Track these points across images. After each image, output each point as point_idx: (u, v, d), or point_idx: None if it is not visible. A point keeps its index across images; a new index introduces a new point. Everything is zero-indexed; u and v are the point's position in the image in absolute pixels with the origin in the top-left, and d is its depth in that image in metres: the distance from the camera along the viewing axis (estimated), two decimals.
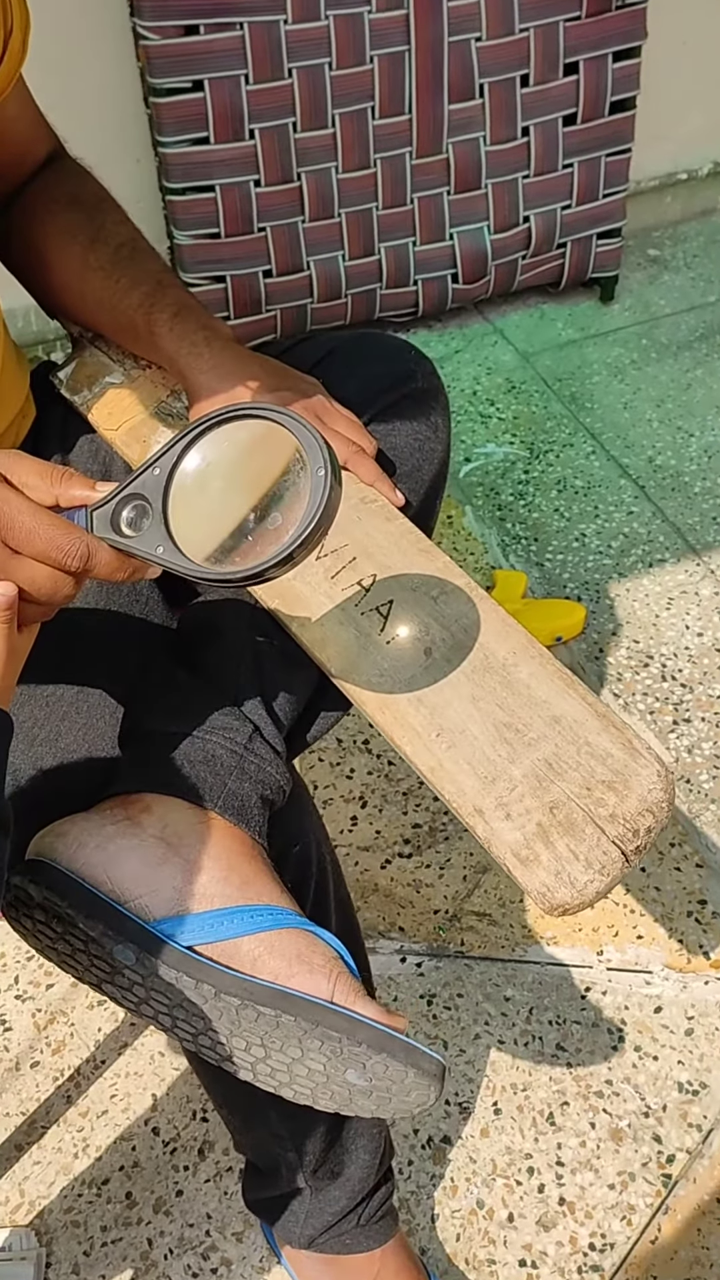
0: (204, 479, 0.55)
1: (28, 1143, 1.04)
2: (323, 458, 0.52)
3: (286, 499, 0.54)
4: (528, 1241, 0.98)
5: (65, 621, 0.72)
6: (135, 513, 0.55)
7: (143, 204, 1.76)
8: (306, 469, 0.52)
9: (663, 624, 1.48)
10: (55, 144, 0.87)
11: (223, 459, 0.55)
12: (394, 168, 1.73)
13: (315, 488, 0.52)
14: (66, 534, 0.52)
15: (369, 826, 1.27)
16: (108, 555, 0.54)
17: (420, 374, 0.84)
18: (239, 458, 0.55)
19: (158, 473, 0.55)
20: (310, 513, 0.51)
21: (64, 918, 0.60)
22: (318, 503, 0.51)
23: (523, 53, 1.69)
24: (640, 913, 1.20)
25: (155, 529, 0.54)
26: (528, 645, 0.67)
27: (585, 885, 0.58)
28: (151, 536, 0.54)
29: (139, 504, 0.55)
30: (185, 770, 0.65)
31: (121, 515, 0.55)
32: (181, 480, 0.55)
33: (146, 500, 0.54)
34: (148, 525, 0.54)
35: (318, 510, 0.51)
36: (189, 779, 0.65)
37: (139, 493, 0.55)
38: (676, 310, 2.01)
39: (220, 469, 0.55)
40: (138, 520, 0.54)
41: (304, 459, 0.53)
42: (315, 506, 0.51)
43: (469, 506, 1.65)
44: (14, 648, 0.53)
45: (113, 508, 0.55)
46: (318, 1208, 0.86)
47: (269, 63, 1.56)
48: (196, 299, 0.80)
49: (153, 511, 0.54)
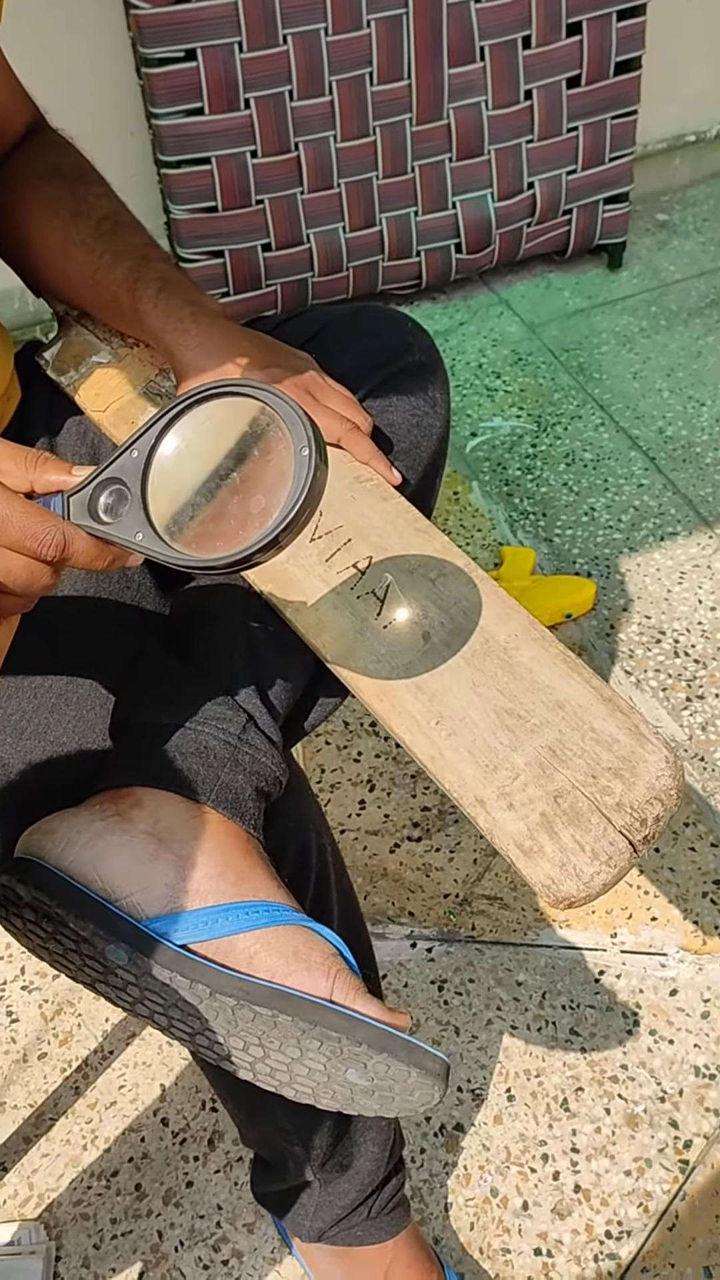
0: (184, 461, 0.53)
1: (36, 1135, 1.03)
2: (307, 436, 0.49)
3: (269, 480, 0.51)
4: (543, 1230, 0.97)
5: (53, 609, 0.70)
6: (113, 498, 0.52)
7: (137, 178, 1.72)
8: (290, 448, 0.50)
9: (675, 599, 1.45)
10: (35, 115, 0.84)
11: (203, 439, 0.53)
12: (394, 135, 1.69)
13: (299, 468, 0.49)
14: (41, 522, 0.50)
15: (377, 810, 1.25)
16: (85, 543, 0.52)
17: (417, 347, 0.81)
18: (220, 438, 0.53)
19: (136, 455, 0.52)
20: (295, 494, 0.49)
21: (54, 917, 0.59)
22: (302, 483, 0.49)
23: (524, 13, 1.65)
24: (654, 894, 1.17)
25: (134, 514, 0.52)
26: (529, 628, 0.64)
27: (592, 877, 0.56)
28: (130, 522, 0.52)
29: (117, 488, 0.52)
30: (177, 763, 0.63)
31: (99, 500, 0.52)
32: (160, 463, 0.52)
33: (125, 484, 0.52)
34: (126, 510, 0.52)
35: (302, 491, 0.49)
36: (181, 772, 0.62)
37: (117, 477, 0.52)
38: (686, 276, 1.97)
39: (200, 450, 0.53)
40: (116, 506, 0.52)
41: (287, 438, 0.50)
42: (300, 488, 0.49)
43: (475, 482, 1.62)
44: None
45: (90, 493, 0.52)
46: (327, 1201, 0.84)
47: (263, 29, 1.52)
48: (183, 273, 0.77)
49: (131, 496, 0.52)
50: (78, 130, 0.85)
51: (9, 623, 0.53)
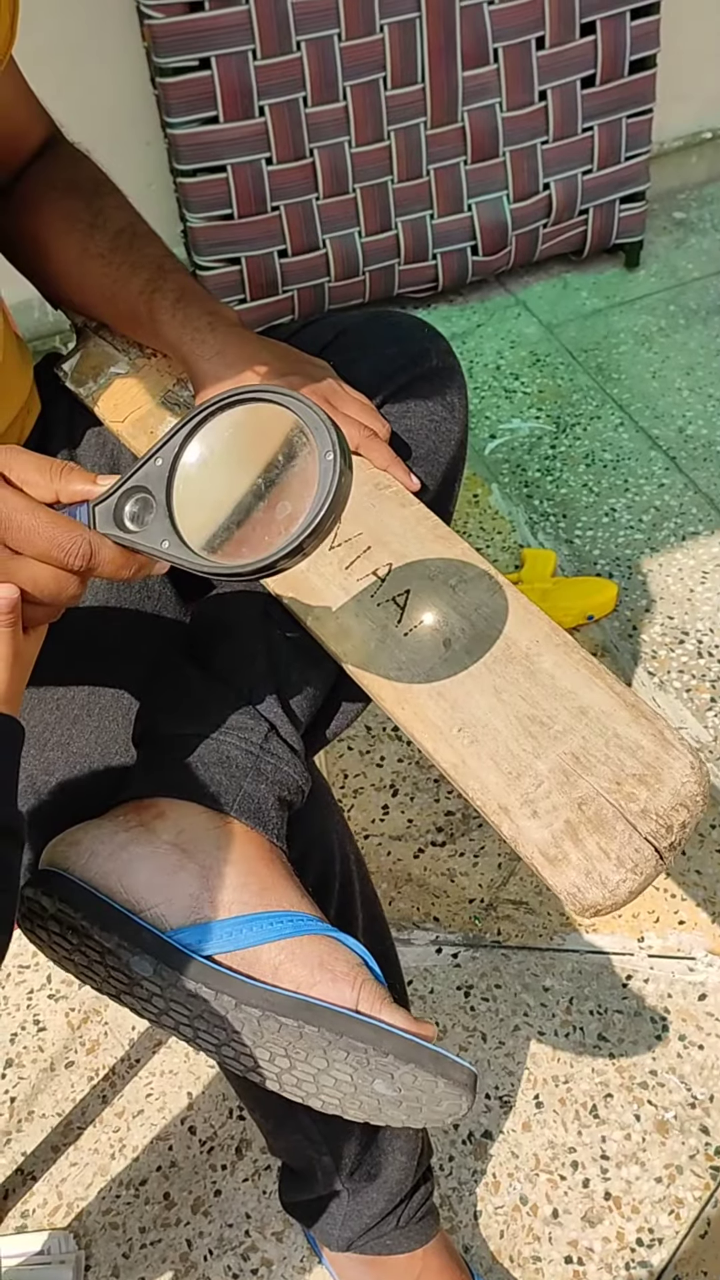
0: (208, 468, 0.52)
1: (64, 1144, 1.03)
2: (331, 441, 0.49)
3: (294, 486, 0.51)
4: (573, 1237, 0.96)
5: (74, 622, 0.70)
6: (138, 506, 0.52)
7: (154, 187, 1.73)
8: (314, 453, 0.50)
9: (698, 598, 1.44)
10: (51, 129, 0.84)
11: (227, 446, 0.53)
12: (408, 139, 1.68)
13: (324, 473, 0.49)
14: (68, 532, 0.50)
15: (401, 815, 1.25)
16: (111, 552, 0.52)
17: (435, 352, 0.81)
18: (243, 444, 0.53)
19: (160, 464, 0.52)
20: (320, 499, 0.49)
21: (78, 929, 0.59)
22: (327, 488, 0.49)
23: (537, 14, 1.64)
24: (682, 897, 1.16)
25: (159, 522, 0.52)
26: (551, 633, 0.64)
27: (617, 885, 0.56)
28: (156, 530, 0.52)
29: (142, 497, 0.52)
30: (199, 773, 0.63)
31: (124, 509, 0.52)
32: (185, 471, 0.52)
33: (149, 493, 0.52)
34: (151, 519, 0.52)
35: (328, 496, 0.49)
36: (203, 782, 0.62)
37: (142, 485, 0.52)
38: (705, 274, 1.96)
39: (224, 457, 0.53)
40: (141, 514, 0.52)
41: (311, 443, 0.50)
42: (325, 493, 0.49)
43: (495, 484, 1.62)
44: (19, 651, 0.51)
45: (115, 502, 0.52)
46: (355, 1210, 0.84)
47: (276, 36, 1.53)
48: (200, 283, 0.77)
49: (156, 504, 0.52)
50: (95, 141, 0.86)
51: (37, 633, 0.53)
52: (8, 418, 0.76)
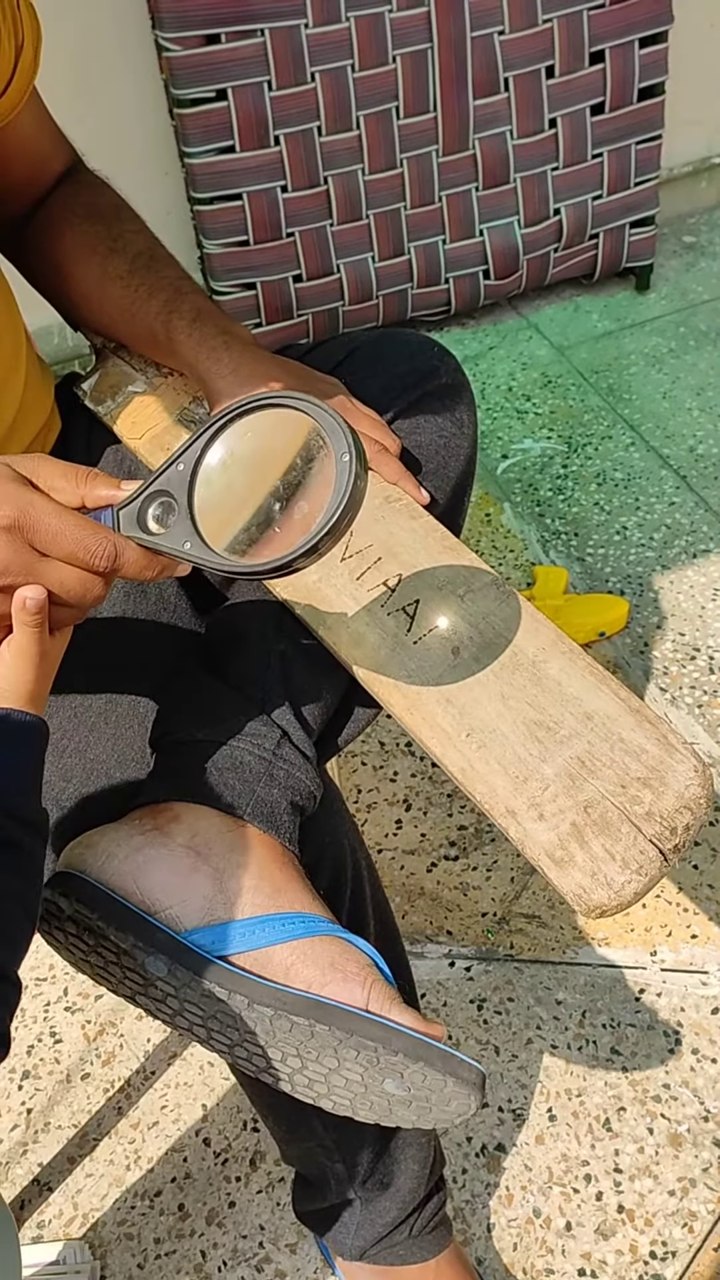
0: (228, 472, 0.54)
1: (80, 1155, 1.04)
2: (347, 443, 0.51)
3: (312, 487, 0.53)
4: (586, 1250, 0.96)
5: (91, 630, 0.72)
6: (161, 509, 0.54)
7: (172, 215, 1.76)
8: (331, 455, 0.51)
9: (709, 615, 1.45)
10: (72, 157, 0.87)
11: (246, 451, 0.54)
12: (421, 166, 1.71)
13: (340, 474, 0.51)
14: (94, 534, 0.52)
15: (414, 829, 1.26)
16: (135, 554, 0.54)
17: (444, 370, 0.83)
18: (262, 448, 0.54)
19: (182, 468, 0.54)
20: (336, 500, 0.51)
21: (95, 930, 0.60)
22: (343, 489, 0.50)
23: (547, 44, 1.67)
24: (694, 911, 1.17)
25: (182, 525, 0.54)
26: (557, 641, 0.65)
27: (623, 886, 0.57)
28: (178, 532, 0.54)
29: (165, 500, 0.54)
30: (214, 778, 0.64)
31: (148, 513, 0.54)
32: (206, 474, 0.54)
33: (172, 496, 0.54)
34: (174, 521, 0.54)
35: (344, 497, 0.50)
36: (217, 787, 0.64)
37: (164, 489, 0.54)
38: (715, 296, 1.98)
39: (244, 461, 0.54)
40: (164, 517, 0.54)
41: (328, 445, 0.52)
42: (341, 493, 0.50)
43: (508, 503, 1.63)
44: (46, 651, 0.53)
45: (138, 505, 0.54)
46: (368, 1219, 0.85)
47: (291, 68, 1.56)
48: (215, 304, 0.79)
49: (179, 507, 0.54)
50: (115, 170, 0.88)
51: (63, 635, 0.55)
52: (30, 435, 0.78)
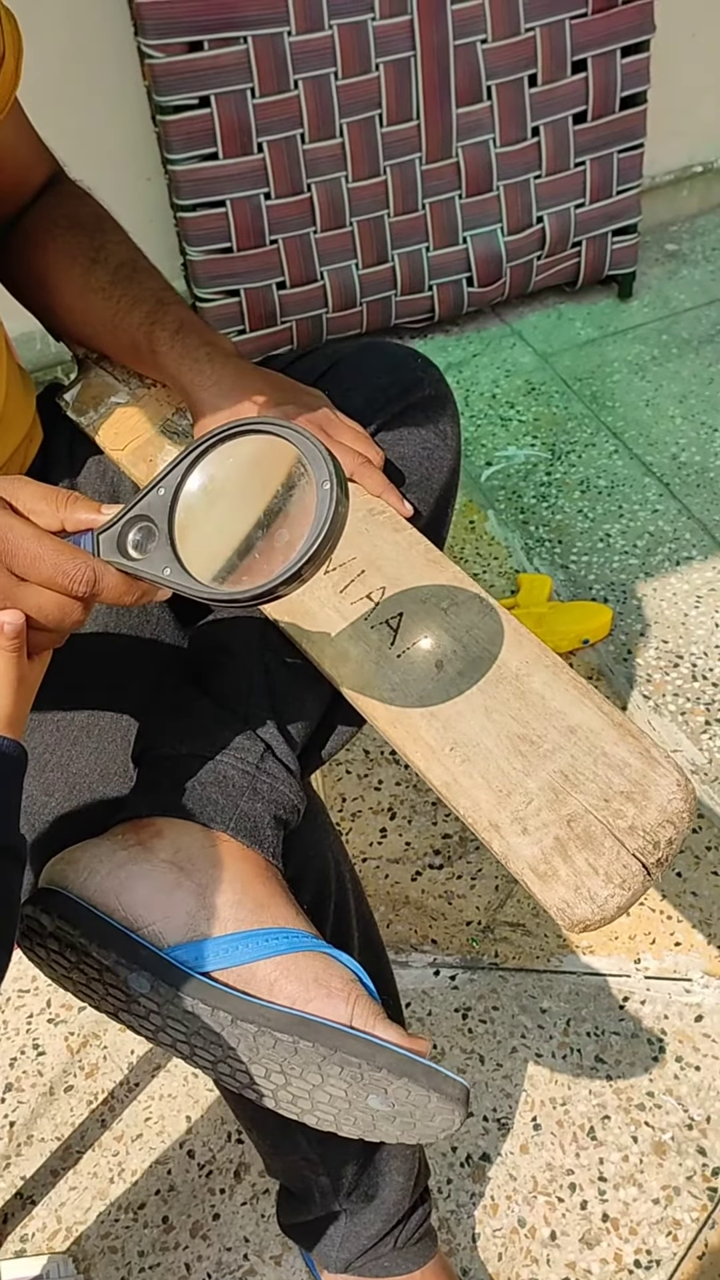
0: (209, 497, 0.54)
1: (63, 1168, 1.04)
2: (328, 470, 0.51)
3: (293, 514, 0.52)
4: (571, 1260, 0.96)
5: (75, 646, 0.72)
6: (141, 534, 0.54)
7: (155, 223, 1.76)
8: (312, 483, 0.51)
9: (692, 622, 1.45)
10: (54, 167, 0.86)
11: (227, 476, 0.54)
12: (404, 174, 1.72)
13: (321, 501, 0.51)
14: (72, 559, 0.52)
15: (399, 838, 1.26)
16: (114, 579, 0.53)
17: (427, 381, 0.83)
18: (243, 474, 0.54)
19: (163, 493, 0.54)
20: (317, 528, 0.50)
21: (77, 947, 0.60)
22: (324, 517, 0.50)
23: (530, 52, 1.68)
24: (678, 919, 1.17)
25: (162, 550, 0.53)
26: (540, 654, 0.65)
27: (606, 900, 0.57)
28: (158, 558, 0.53)
29: (145, 525, 0.54)
30: (196, 792, 0.64)
31: (128, 537, 0.54)
32: (187, 500, 0.54)
33: (152, 521, 0.54)
34: (154, 547, 0.53)
35: (324, 525, 0.50)
36: (200, 801, 0.64)
37: (145, 514, 0.54)
38: (697, 304, 1.99)
39: (225, 486, 0.54)
40: (144, 542, 0.54)
41: (309, 473, 0.52)
42: (322, 521, 0.50)
43: (491, 511, 1.64)
44: (24, 676, 0.52)
45: (118, 530, 0.54)
46: (353, 1231, 0.84)
47: (274, 75, 1.56)
48: (198, 315, 0.79)
49: (159, 533, 0.53)
50: (98, 178, 0.88)
51: (41, 659, 0.55)
52: (10, 447, 0.78)
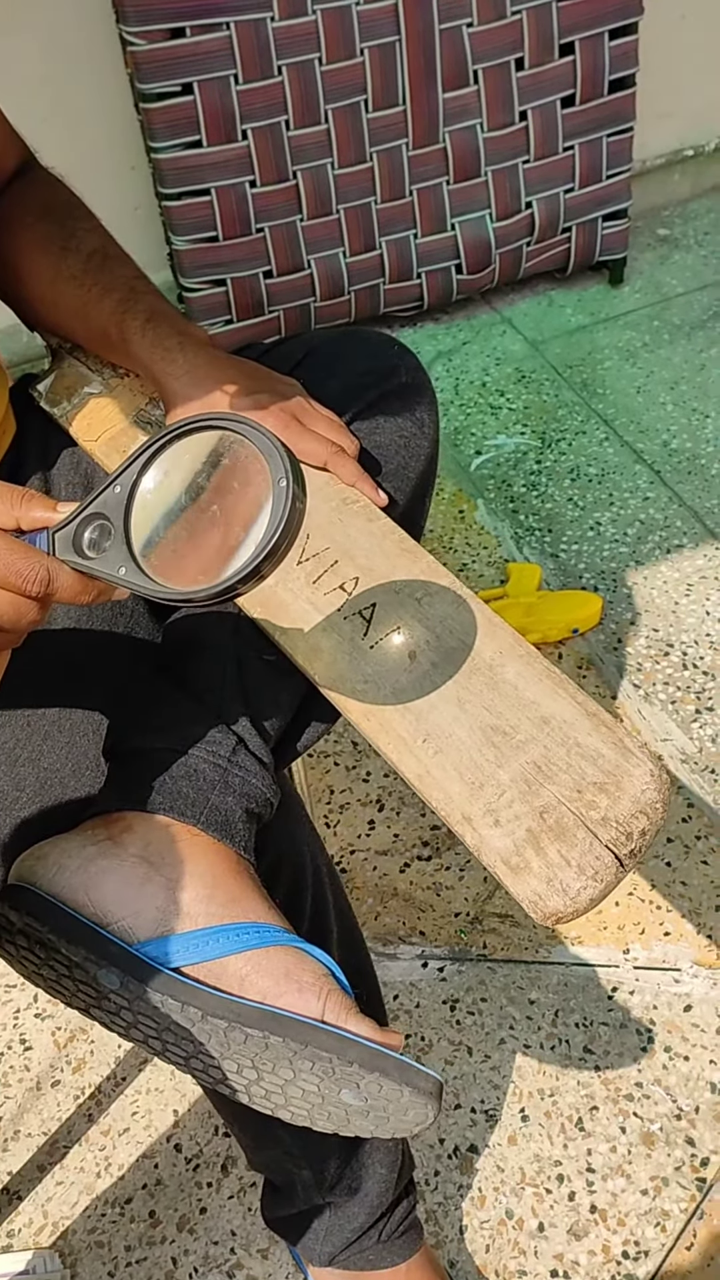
0: (165, 495, 0.53)
1: (50, 1163, 1.03)
2: (284, 467, 0.50)
3: (249, 512, 0.52)
4: (559, 1251, 0.96)
5: (46, 638, 0.71)
6: (97, 533, 0.53)
7: (140, 211, 1.75)
8: (268, 480, 0.50)
9: (682, 611, 1.45)
10: (25, 154, 0.85)
11: (183, 473, 0.53)
12: (391, 160, 1.70)
13: (277, 499, 0.50)
14: (25, 558, 0.51)
15: (387, 830, 1.25)
16: (69, 578, 0.52)
17: (404, 369, 0.82)
18: (199, 471, 0.53)
19: (118, 490, 0.53)
20: (273, 526, 0.50)
21: (45, 943, 0.59)
22: (280, 515, 0.49)
23: (516, 36, 1.66)
24: (667, 909, 1.17)
25: (117, 549, 0.52)
26: (514, 644, 0.64)
27: (578, 892, 0.56)
28: (114, 557, 0.52)
29: (101, 523, 0.53)
30: (167, 786, 0.63)
31: (84, 536, 0.53)
32: (143, 497, 0.53)
33: (108, 519, 0.53)
34: (110, 545, 0.52)
35: (280, 523, 0.49)
36: (171, 795, 0.63)
37: (100, 512, 0.53)
38: (689, 289, 1.97)
39: (181, 484, 0.53)
40: (100, 541, 0.53)
41: (265, 469, 0.51)
42: (277, 519, 0.49)
43: (481, 500, 1.63)
44: None
45: (74, 528, 0.53)
46: (337, 1225, 0.84)
47: (258, 61, 1.55)
48: (170, 304, 0.78)
49: (115, 531, 0.52)
50: (81, 166, 0.87)
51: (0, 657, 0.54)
52: None
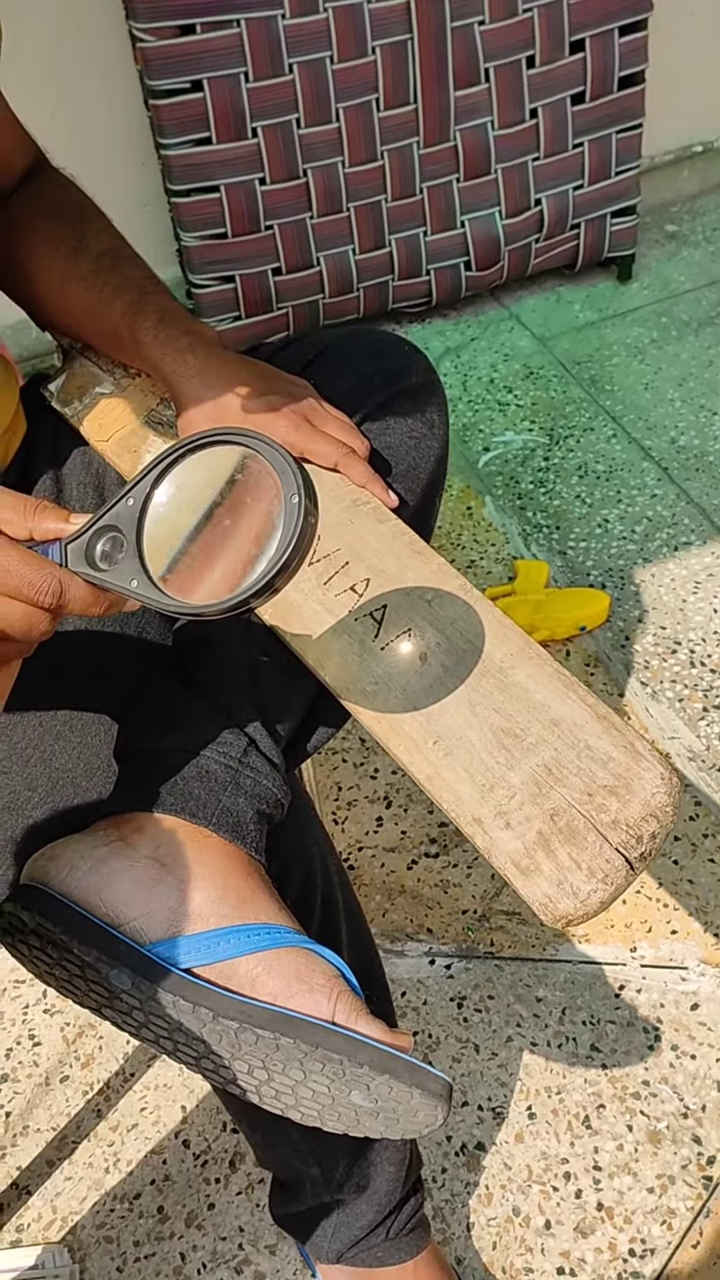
0: (177, 508, 0.53)
1: (59, 1158, 1.04)
2: (296, 483, 0.50)
3: (261, 528, 0.52)
4: (565, 1249, 0.96)
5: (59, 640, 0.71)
6: (110, 545, 0.53)
7: (149, 208, 1.75)
8: (280, 496, 0.51)
9: (690, 608, 1.45)
10: (36, 154, 0.86)
11: (196, 487, 0.54)
12: (401, 158, 1.70)
13: (289, 515, 0.50)
14: (38, 570, 0.51)
15: (394, 827, 1.26)
16: (81, 590, 0.52)
17: (414, 369, 0.82)
18: (212, 486, 0.53)
19: (131, 503, 0.53)
20: (284, 542, 0.50)
21: (57, 944, 0.59)
22: (292, 531, 0.50)
23: (527, 33, 1.66)
24: (674, 907, 1.17)
25: (129, 562, 0.52)
26: (525, 646, 0.64)
27: (588, 895, 0.56)
28: (126, 570, 0.52)
29: (113, 536, 0.53)
30: (179, 787, 0.64)
31: (96, 548, 0.53)
32: (155, 511, 0.53)
33: (121, 532, 0.53)
34: (122, 557, 0.53)
35: (292, 539, 0.50)
36: (182, 796, 0.63)
37: (113, 524, 0.53)
38: (697, 286, 1.97)
39: (193, 498, 0.53)
40: (112, 553, 0.53)
41: (278, 485, 0.51)
42: (290, 536, 0.50)
43: (489, 496, 1.63)
44: None
45: (87, 540, 0.53)
46: (345, 1222, 0.84)
47: (268, 59, 1.54)
48: (181, 305, 0.78)
49: (127, 543, 0.53)
50: (90, 163, 0.87)
51: (9, 668, 0.54)
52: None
